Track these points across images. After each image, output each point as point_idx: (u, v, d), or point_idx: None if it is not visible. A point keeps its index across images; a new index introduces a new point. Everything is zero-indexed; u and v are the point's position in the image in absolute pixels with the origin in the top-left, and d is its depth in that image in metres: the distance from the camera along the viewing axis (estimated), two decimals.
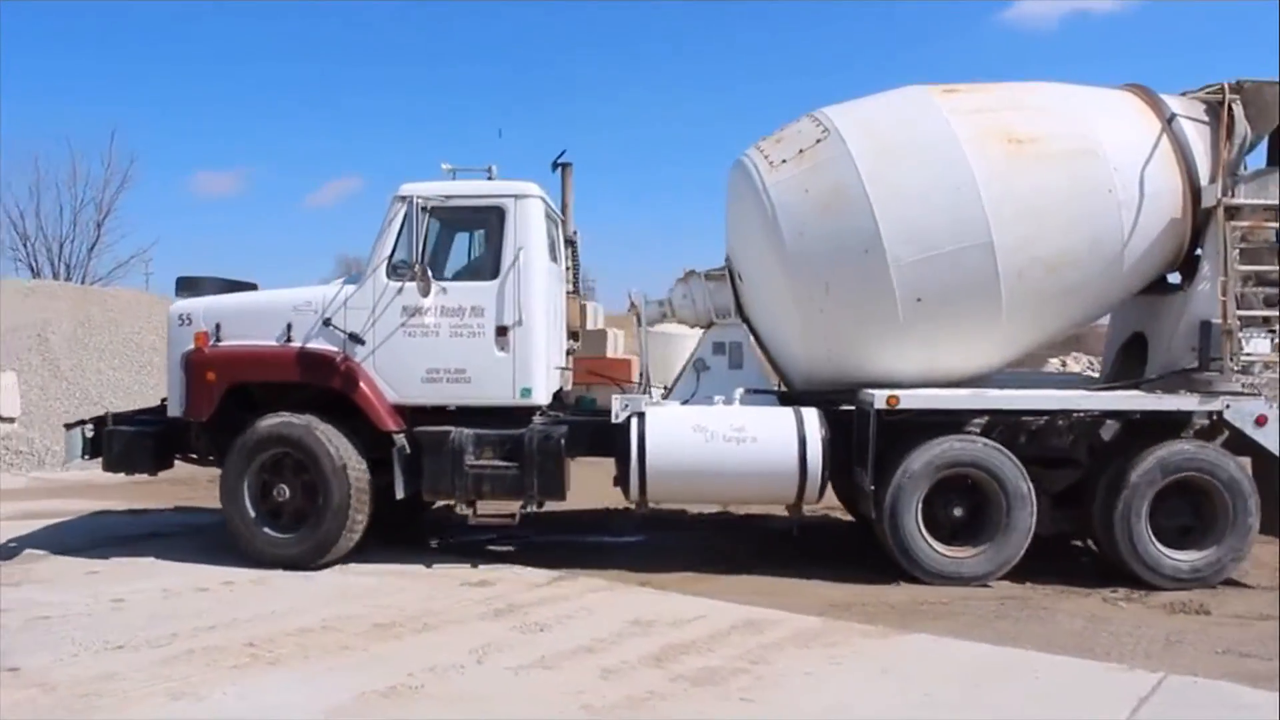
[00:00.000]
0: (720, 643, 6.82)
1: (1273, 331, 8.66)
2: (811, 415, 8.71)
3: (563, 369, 10.14)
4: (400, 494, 8.77)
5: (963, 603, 7.89)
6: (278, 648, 6.63)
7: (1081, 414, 8.73)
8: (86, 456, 9.56)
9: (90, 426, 9.50)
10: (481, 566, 8.97)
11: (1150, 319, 9.44)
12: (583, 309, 11.06)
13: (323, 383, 8.89)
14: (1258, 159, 9.14)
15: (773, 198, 8.77)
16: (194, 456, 9.66)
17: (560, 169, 10.97)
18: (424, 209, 8.70)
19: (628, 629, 7.12)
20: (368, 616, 7.37)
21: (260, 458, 8.87)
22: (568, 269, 10.61)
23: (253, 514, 8.88)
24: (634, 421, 8.71)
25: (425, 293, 8.74)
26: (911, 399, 8.54)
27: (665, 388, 9.66)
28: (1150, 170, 8.61)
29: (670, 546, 10.07)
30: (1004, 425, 8.75)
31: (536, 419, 9.05)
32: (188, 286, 9.80)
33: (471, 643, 6.74)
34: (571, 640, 6.84)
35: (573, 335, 10.60)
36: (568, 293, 10.54)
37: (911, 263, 8.42)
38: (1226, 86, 8.79)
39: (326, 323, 8.90)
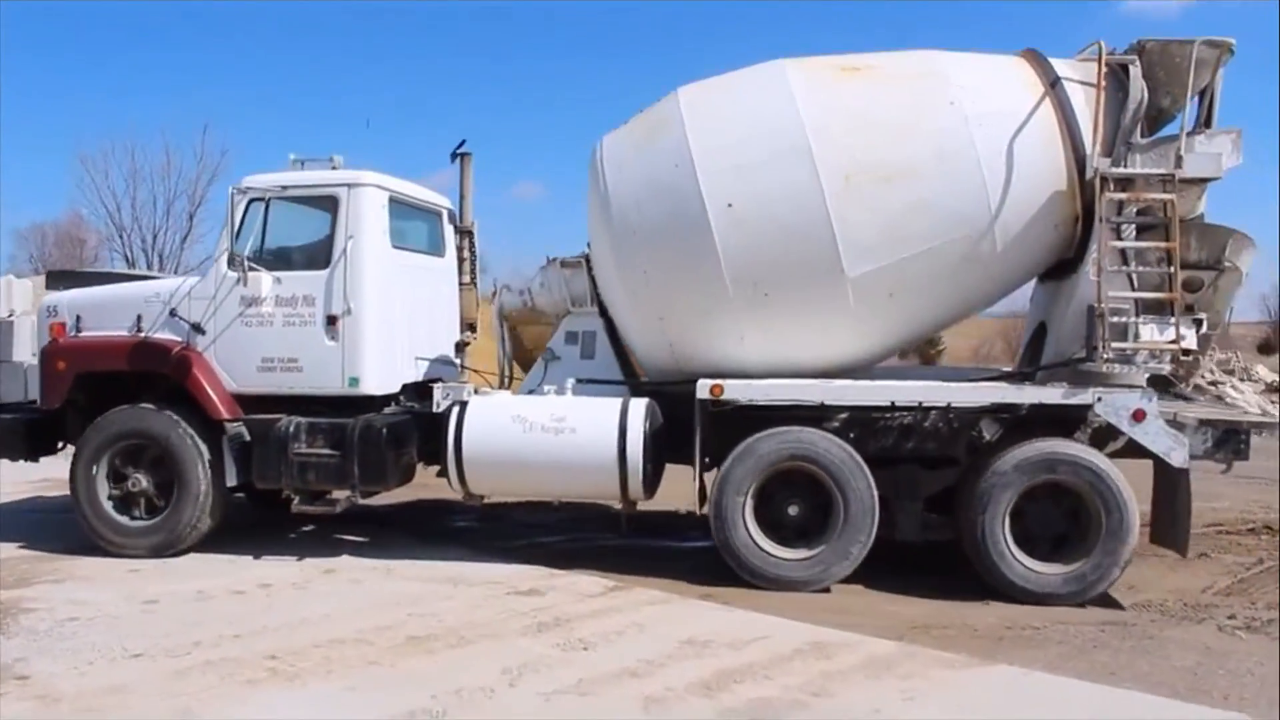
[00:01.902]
0: (781, 669, 6.15)
1: (1172, 316, 7.64)
2: (638, 406, 8.34)
3: (437, 360, 9.90)
4: (231, 482, 8.86)
5: (1057, 628, 7.06)
6: (301, 661, 6.18)
7: (940, 408, 8.03)
8: None
9: None
10: (538, 570, 8.47)
11: (1051, 306, 8.66)
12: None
13: (158, 370, 9.00)
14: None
15: (603, 147, 8.57)
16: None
17: (459, 159, 10.96)
18: (258, 200, 8.81)
19: (679, 650, 6.49)
20: (403, 627, 6.88)
21: (114, 447, 8.97)
22: (463, 260, 10.63)
23: (105, 503, 8.94)
24: (455, 410, 8.55)
25: (244, 282, 8.77)
26: (736, 389, 8.07)
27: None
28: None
29: None
30: (867, 421, 8.14)
31: (390, 409, 9.05)
32: (59, 278, 10.02)
33: (507, 661, 6.19)
34: (616, 661, 6.24)
35: (470, 326, 10.51)
36: (462, 284, 10.55)
37: (720, 170, 7.92)
38: (1102, 46, 7.85)
39: (172, 313, 9.04)
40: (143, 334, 9.05)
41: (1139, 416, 7.59)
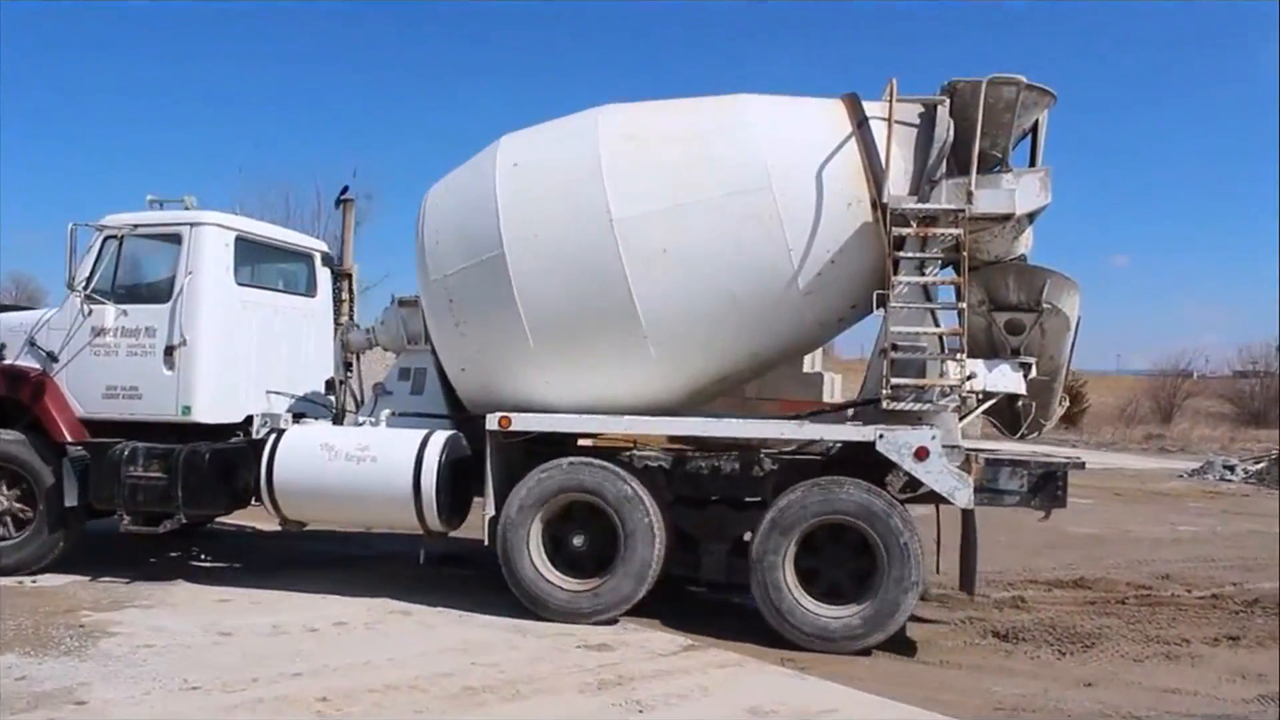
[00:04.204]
0: None
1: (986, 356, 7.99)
2: (439, 437, 8.50)
3: (305, 397, 10.17)
4: (70, 502, 9.18)
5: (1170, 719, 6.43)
6: (350, 705, 6.11)
7: (740, 448, 8.40)
8: None
9: None
10: (616, 625, 8.18)
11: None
12: None
13: (13, 396, 9.46)
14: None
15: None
16: None
17: (342, 205, 11.46)
18: (112, 237, 9.31)
19: (739, 718, 6.16)
20: (462, 676, 6.74)
21: None
22: (341, 301, 11.10)
23: None
24: (271, 438, 8.81)
25: (87, 314, 9.29)
26: (524, 421, 8.26)
27: None
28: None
29: None
30: (670, 460, 8.47)
31: (235, 438, 9.34)
32: None
33: (556, 718, 5.98)
34: None
35: (347, 365, 10.55)
36: (339, 324, 10.90)
37: (516, 148, 8.36)
38: (893, 84, 7.84)
39: (31, 343, 9.52)
40: (6, 361, 9.59)
41: (921, 455, 7.44)
